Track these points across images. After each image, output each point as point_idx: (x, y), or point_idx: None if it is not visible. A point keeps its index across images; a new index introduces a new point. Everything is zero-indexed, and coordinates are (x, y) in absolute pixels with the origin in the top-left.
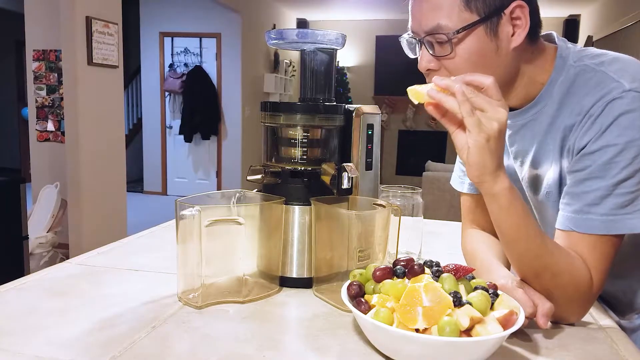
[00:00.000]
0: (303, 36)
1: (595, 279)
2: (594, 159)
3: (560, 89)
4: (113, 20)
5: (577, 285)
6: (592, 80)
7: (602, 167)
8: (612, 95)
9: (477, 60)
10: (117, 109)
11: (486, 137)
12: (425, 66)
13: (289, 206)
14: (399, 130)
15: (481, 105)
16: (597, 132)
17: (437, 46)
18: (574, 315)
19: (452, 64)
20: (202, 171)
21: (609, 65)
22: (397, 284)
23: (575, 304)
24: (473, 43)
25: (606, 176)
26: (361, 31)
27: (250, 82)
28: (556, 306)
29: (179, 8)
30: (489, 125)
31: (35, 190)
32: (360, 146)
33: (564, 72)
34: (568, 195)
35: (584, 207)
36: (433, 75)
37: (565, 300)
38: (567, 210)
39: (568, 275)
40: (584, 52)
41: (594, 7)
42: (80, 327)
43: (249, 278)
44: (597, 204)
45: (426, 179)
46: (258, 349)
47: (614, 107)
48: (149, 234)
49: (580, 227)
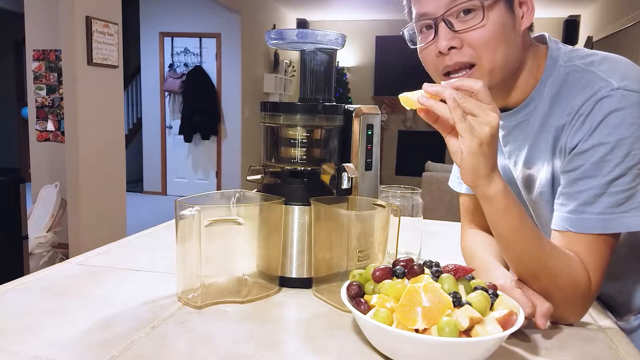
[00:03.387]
0: (303, 36)
1: (593, 279)
2: (585, 158)
3: (551, 90)
4: (113, 20)
5: (576, 285)
6: (582, 80)
7: (594, 165)
8: (601, 93)
9: (500, 34)
10: (117, 108)
11: (479, 142)
12: (446, 45)
13: (289, 206)
14: (399, 131)
15: (472, 110)
16: (587, 131)
17: (461, 20)
18: (574, 315)
19: (478, 36)
20: (202, 171)
21: (599, 65)
22: (396, 284)
23: (574, 305)
24: (500, 14)
25: (599, 175)
26: (361, 31)
27: (250, 82)
28: (555, 307)
29: (179, 8)
30: (481, 129)
31: (35, 190)
32: (360, 146)
33: (554, 72)
34: (562, 196)
35: (578, 206)
36: (456, 54)
37: (564, 301)
38: (562, 210)
39: (566, 277)
40: (574, 53)
41: (593, 8)
42: (80, 327)
43: (248, 278)
44: (591, 203)
45: (426, 180)
46: (257, 349)
47: (603, 106)
48: (148, 234)
49: (576, 227)
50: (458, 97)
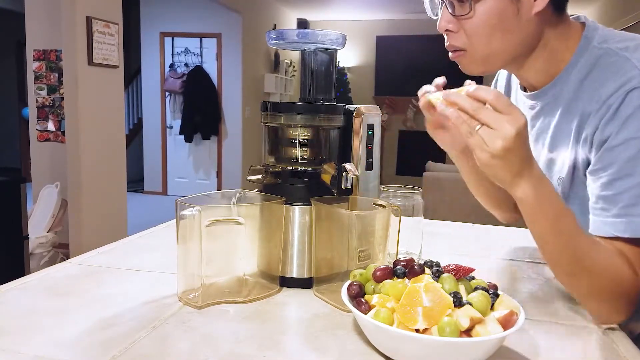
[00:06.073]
0: (303, 36)
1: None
2: (616, 155)
3: (581, 72)
4: (113, 20)
5: (619, 283)
6: (614, 65)
7: (629, 163)
8: (632, 84)
9: (495, 23)
10: (117, 109)
11: (489, 156)
12: (444, 26)
13: (289, 206)
14: (399, 131)
15: (487, 122)
16: (617, 124)
17: (457, 5)
18: (618, 313)
19: (470, 25)
20: (203, 171)
21: (634, 51)
22: (397, 284)
23: (618, 303)
24: (493, 4)
25: (635, 172)
26: (361, 31)
27: (250, 82)
28: (599, 306)
29: (180, 8)
30: (492, 144)
31: (36, 190)
32: (360, 146)
33: (586, 53)
34: (602, 200)
35: (622, 209)
36: (452, 37)
37: (607, 299)
38: (604, 215)
39: (607, 274)
40: (611, 35)
41: (594, 7)
42: (80, 327)
43: (249, 278)
44: (635, 204)
45: (426, 179)
46: (258, 349)
47: (634, 98)
48: (149, 234)
49: (625, 232)
50: (473, 107)
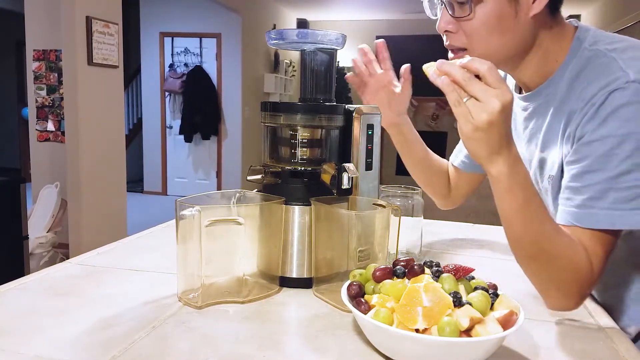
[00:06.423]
0: (303, 36)
1: (595, 265)
2: (592, 149)
3: (572, 72)
4: (113, 20)
5: (576, 270)
6: (601, 66)
7: (601, 159)
8: (615, 85)
9: (494, 25)
10: (117, 109)
11: (473, 128)
12: (443, 27)
13: (289, 206)
14: None
15: (475, 94)
16: (597, 122)
17: (457, 7)
18: (571, 299)
19: (469, 27)
20: (202, 171)
21: (622, 52)
22: (397, 284)
23: (572, 289)
24: (492, 5)
25: (605, 168)
26: (361, 31)
27: (250, 82)
28: (553, 291)
29: (179, 8)
30: (477, 116)
31: (35, 190)
32: (360, 146)
33: (577, 54)
34: (568, 190)
35: (586, 201)
36: (451, 37)
37: (562, 284)
38: (567, 204)
39: (565, 259)
40: (601, 36)
41: (594, 7)
42: (80, 327)
43: (249, 278)
44: (599, 198)
45: None
46: (258, 349)
47: (615, 98)
48: (149, 234)
49: (584, 222)
50: (464, 78)
